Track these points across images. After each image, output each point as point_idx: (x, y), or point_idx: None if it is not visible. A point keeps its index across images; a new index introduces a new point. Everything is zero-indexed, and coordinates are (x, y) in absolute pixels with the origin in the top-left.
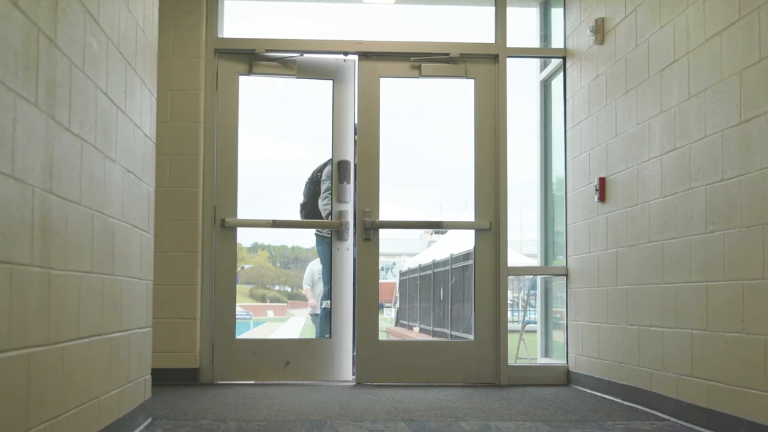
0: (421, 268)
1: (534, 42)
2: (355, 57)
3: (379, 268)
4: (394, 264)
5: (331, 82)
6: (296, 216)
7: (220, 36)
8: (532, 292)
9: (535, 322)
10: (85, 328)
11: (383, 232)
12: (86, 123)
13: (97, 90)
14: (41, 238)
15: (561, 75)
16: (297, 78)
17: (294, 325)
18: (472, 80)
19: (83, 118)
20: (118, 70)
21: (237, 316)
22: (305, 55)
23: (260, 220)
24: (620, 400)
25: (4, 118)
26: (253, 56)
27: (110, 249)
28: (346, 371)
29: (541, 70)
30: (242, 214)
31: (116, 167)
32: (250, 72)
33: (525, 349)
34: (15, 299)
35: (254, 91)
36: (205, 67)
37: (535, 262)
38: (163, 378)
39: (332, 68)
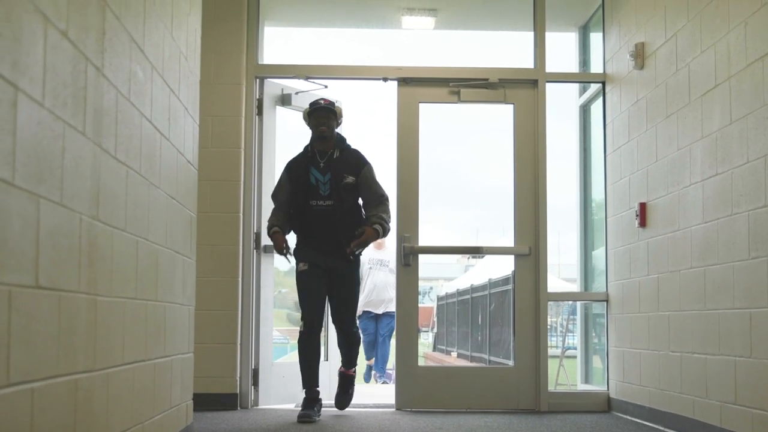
0: (459, 293)
1: (573, 67)
2: (395, 82)
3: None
4: (431, 288)
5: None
6: None
7: (260, 62)
8: (572, 317)
9: (575, 348)
10: (129, 353)
11: (421, 257)
12: (131, 150)
13: (142, 118)
14: (88, 264)
15: (600, 99)
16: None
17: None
18: (512, 105)
19: (129, 146)
20: (162, 97)
21: (274, 341)
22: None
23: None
24: (662, 428)
25: (53, 147)
26: (283, 97)
27: (154, 275)
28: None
29: (581, 95)
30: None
31: (160, 194)
32: (283, 104)
33: (565, 375)
34: (63, 325)
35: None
36: (245, 93)
37: (574, 287)
38: (203, 403)
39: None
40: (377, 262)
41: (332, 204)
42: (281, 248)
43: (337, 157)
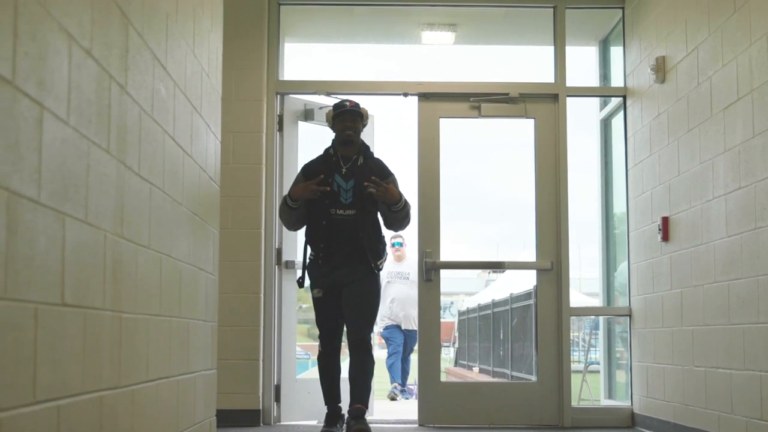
0: (481, 308)
1: (594, 81)
2: (415, 98)
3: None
4: (452, 303)
5: None
6: None
7: (281, 78)
8: (595, 331)
9: (598, 363)
10: (153, 370)
11: (442, 272)
12: (155, 167)
13: (165, 135)
14: (113, 282)
15: (621, 113)
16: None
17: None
18: (532, 120)
19: (152, 163)
20: (184, 114)
21: (296, 356)
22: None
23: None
24: None
25: (78, 165)
26: (306, 112)
27: (177, 292)
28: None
29: (601, 109)
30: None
31: (183, 210)
32: (306, 119)
33: (588, 390)
34: (88, 343)
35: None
36: (266, 109)
37: (596, 302)
38: (226, 419)
39: None
40: (396, 275)
41: (355, 213)
42: (314, 184)
43: (361, 164)
